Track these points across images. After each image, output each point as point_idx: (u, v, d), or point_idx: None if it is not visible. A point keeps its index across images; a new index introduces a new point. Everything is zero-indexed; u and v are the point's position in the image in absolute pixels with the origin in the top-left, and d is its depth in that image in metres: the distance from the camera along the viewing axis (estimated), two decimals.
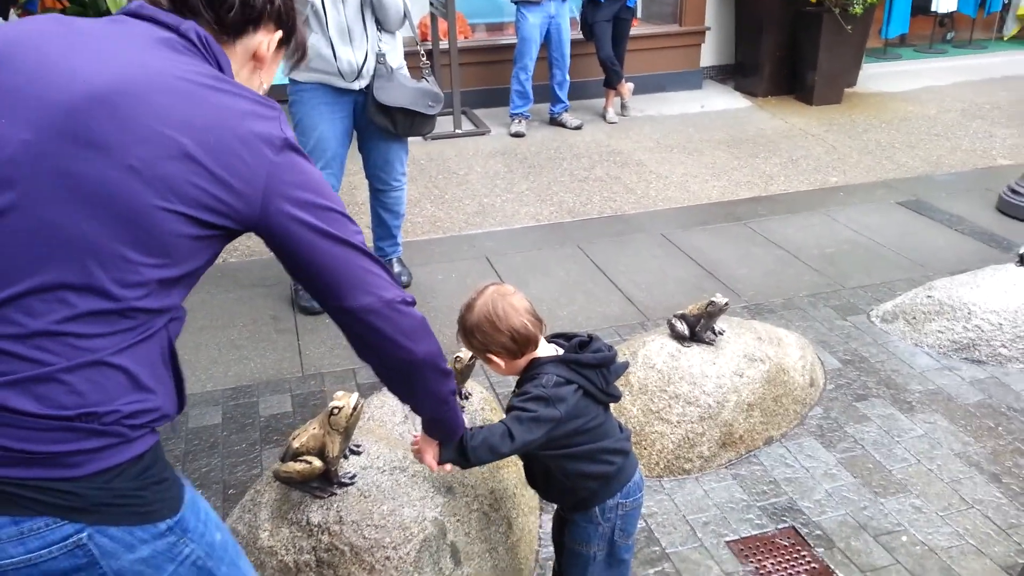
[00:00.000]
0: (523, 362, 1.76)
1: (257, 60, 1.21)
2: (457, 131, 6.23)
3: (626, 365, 1.86)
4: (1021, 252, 3.31)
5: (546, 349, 1.78)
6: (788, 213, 4.75)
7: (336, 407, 1.62)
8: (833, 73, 6.90)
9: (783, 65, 7.10)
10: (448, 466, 1.62)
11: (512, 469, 2.22)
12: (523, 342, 1.72)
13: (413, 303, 1.25)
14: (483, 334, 1.72)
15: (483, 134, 6.29)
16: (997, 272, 3.35)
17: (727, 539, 2.40)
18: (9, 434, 0.97)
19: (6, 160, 0.97)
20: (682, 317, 2.81)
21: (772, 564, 2.31)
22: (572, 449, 1.74)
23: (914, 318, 3.39)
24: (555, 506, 2.45)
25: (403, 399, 1.42)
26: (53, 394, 0.99)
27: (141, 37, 1.07)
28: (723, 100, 7.19)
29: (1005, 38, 8.93)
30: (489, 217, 4.73)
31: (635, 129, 6.43)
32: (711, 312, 2.72)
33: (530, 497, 2.33)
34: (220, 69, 1.13)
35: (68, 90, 0.99)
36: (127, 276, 1.01)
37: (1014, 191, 4.55)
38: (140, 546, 1.05)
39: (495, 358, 1.74)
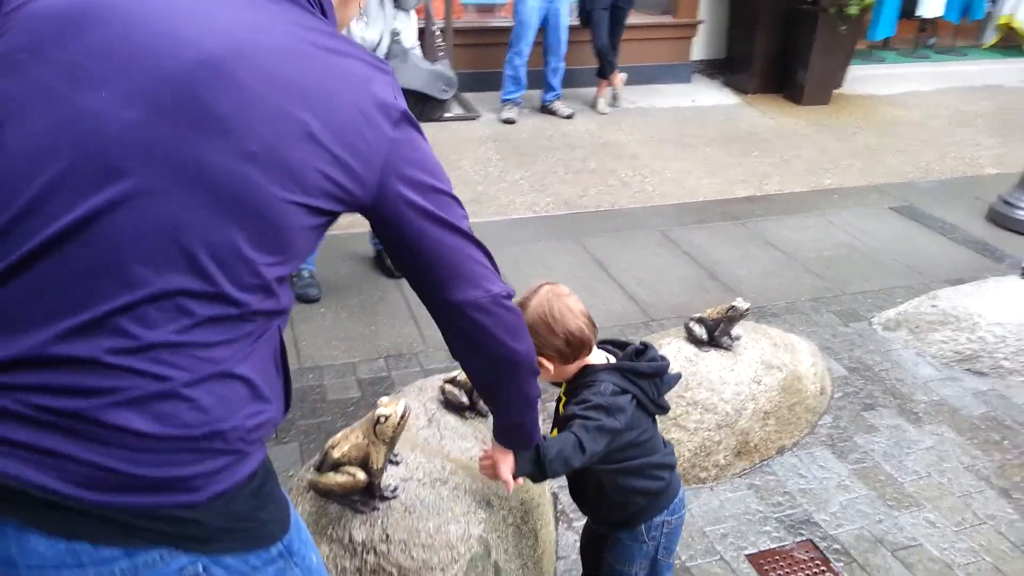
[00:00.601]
0: (573, 368, 1.68)
1: None
2: (447, 115, 6.09)
3: (678, 376, 1.80)
4: None
5: (597, 356, 1.71)
6: (784, 214, 4.74)
7: (383, 415, 1.53)
8: (824, 74, 6.91)
9: (774, 63, 7.09)
10: (520, 480, 1.55)
11: None
12: (577, 346, 1.64)
13: (513, 296, 1.17)
14: (536, 336, 1.63)
15: (473, 118, 6.18)
16: (1000, 284, 3.37)
17: (746, 552, 2.36)
18: (126, 457, 0.86)
19: (113, 143, 0.85)
20: (700, 321, 2.76)
21: None
22: (625, 463, 1.68)
23: (917, 327, 3.39)
24: (575, 517, 2.39)
25: (489, 400, 1.34)
26: (176, 412, 0.88)
27: None
28: (713, 95, 7.16)
29: (984, 46, 9.04)
30: (485, 206, 4.64)
31: (627, 121, 6.37)
32: (731, 317, 2.68)
33: (547, 507, 2.26)
34: (323, 12, 1.01)
35: (175, 58, 0.86)
36: (247, 278, 0.91)
37: (1007, 202, 4.60)
38: (252, 574, 0.96)
39: (545, 362, 1.65)
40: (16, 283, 0.86)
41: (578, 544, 2.32)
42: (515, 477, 1.54)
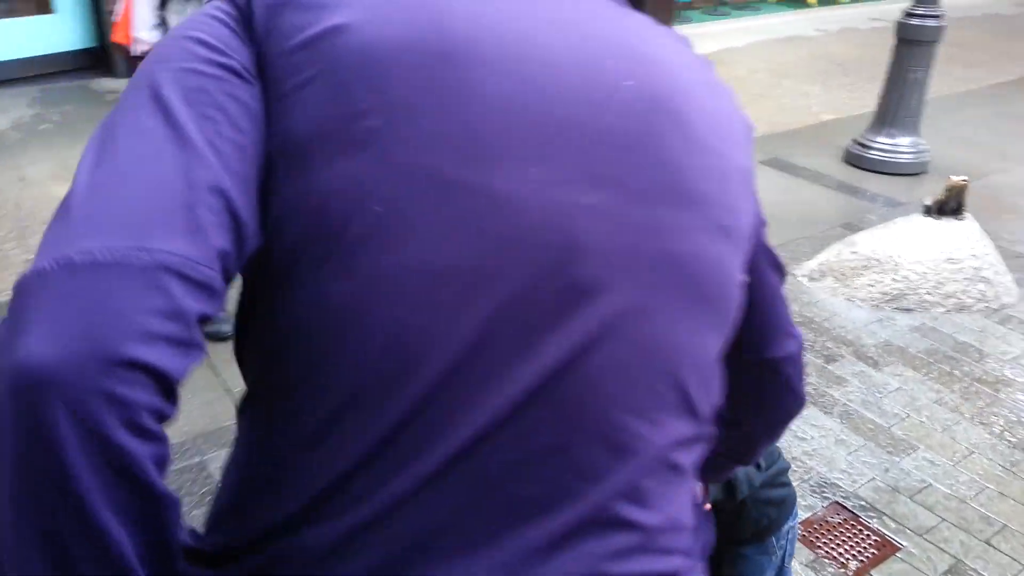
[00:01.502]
0: None
1: None
2: None
3: None
4: (926, 203, 3.56)
5: None
6: None
7: None
8: None
9: None
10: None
11: None
12: None
13: None
14: None
15: None
16: (909, 223, 3.59)
17: None
18: None
19: (578, 247, 0.56)
20: None
21: (838, 545, 2.28)
22: (764, 475, 1.56)
23: (843, 274, 3.54)
24: None
25: (735, 446, 1.04)
26: None
27: None
28: None
29: (772, 1, 9.76)
30: None
31: None
32: None
33: None
34: None
35: (619, 103, 0.59)
36: (715, 399, 0.66)
37: (861, 144, 4.94)
38: None
39: None
40: (436, 492, 0.54)
41: None
42: (707, 502, 1.39)
